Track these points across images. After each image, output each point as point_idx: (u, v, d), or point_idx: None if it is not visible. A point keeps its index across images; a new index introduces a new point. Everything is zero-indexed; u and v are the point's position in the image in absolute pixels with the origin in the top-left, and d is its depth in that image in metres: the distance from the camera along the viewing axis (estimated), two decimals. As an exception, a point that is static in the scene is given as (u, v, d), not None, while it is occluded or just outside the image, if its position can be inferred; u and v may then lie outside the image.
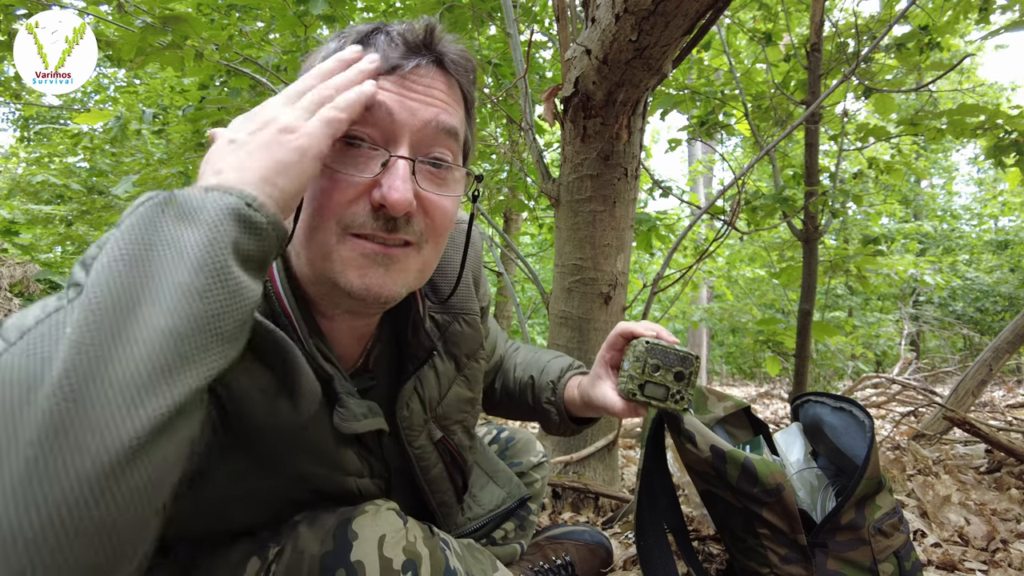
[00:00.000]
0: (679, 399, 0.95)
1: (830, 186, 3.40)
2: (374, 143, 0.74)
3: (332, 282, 0.74)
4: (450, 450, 1.01)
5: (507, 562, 1.28)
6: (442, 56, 0.78)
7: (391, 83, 0.74)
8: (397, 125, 0.73)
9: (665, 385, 0.95)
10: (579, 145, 1.82)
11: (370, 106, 0.72)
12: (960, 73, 10.67)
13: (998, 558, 1.43)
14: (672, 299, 4.48)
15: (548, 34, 4.27)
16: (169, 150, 4.62)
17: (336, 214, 0.72)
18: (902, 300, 10.27)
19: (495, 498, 1.19)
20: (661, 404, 0.95)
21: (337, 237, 0.73)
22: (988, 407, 3.94)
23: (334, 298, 0.78)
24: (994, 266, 11.80)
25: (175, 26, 2.34)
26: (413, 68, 0.75)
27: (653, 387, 0.95)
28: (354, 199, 0.72)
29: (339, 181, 0.72)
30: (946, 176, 16.86)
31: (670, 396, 0.95)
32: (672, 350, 0.94)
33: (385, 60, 0.74)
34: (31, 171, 6.64)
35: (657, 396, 0.95)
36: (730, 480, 1.07)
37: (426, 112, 0.75)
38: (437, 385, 0.96)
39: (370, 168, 0.73)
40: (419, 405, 0.93)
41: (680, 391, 0.95)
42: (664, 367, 0.94)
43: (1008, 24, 2.93)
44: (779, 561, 1.07)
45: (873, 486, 1.09)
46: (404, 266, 0.76)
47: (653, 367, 0.94)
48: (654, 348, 0.94)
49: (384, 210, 0.72)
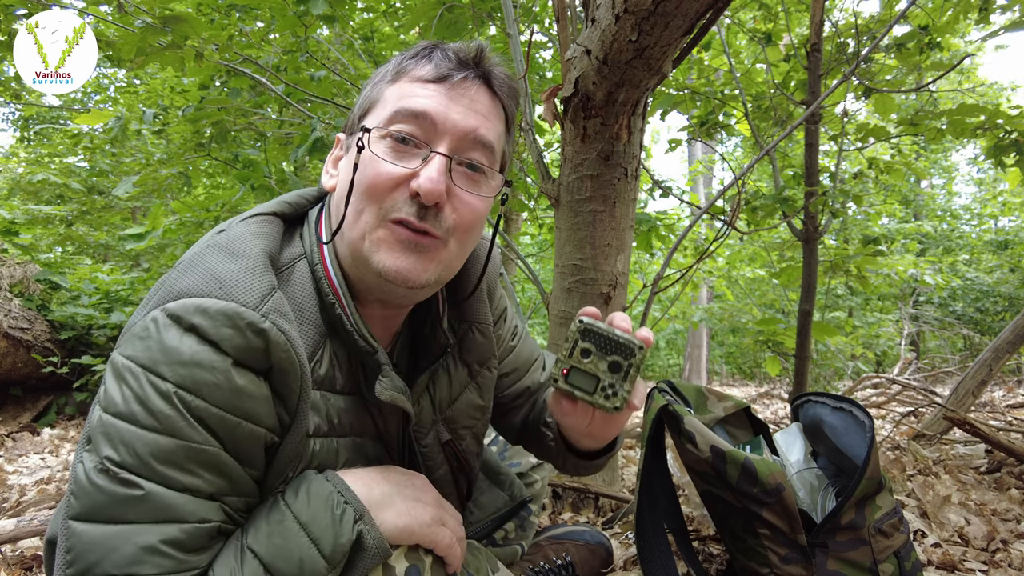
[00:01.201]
0: (610, 394, 0.80)
1: (830, 186, 3.40)
2: (418, 141, 0.83)
3: (367, 262, 0.82)
4: (456, 454, 1.03)
5: (508, 562, 1.29)
6: (489, 74, 0.88)
7: (440, 92, 0.84)
8: (440, 131, 0.83)
9: (595, 375, 0.81)
10: (579, 145, 1.82)
11: (419, 113, 0.83)
12: (960, 73, 10.68)
13: (998, 558, 1.43)
14: (672, 299, 4.48)
15: (548, 34, 4.27)
16: (169, 150, 4.62)
17: (379, 200, 0.82)
18: (902, 300, 10.27)
19: (496, 502, 1.21)
20: (587, 397, 0.81)
21: (377, 221, 0.82)
22: (988, 407, 3.94)
23: (368, 282, 0.86)
24: (994, 266, 11.80)
25: (175, 26, 2.34)
26: (460, 80, 0.85)
27: (581, 376, 0.81)
28: (395, 187, 0.82)
29: (384, 171, 0.82)
30: (946, 176, 16.86)
31: (599, 389, 0.81)
32: (612, 335, 0.80)
33: (437, 69, 0.84)
34: (31, 170, 6.64)
35: (583, 386, 0.81)
36: (730, 480, 1.07)
37: (467, 123, 0.84)
38: (448, 388, 1.00)
39: (413, 162, 0.83)
40: (429, 403, 0.98)
41: (614, 385, 0.80)
42: (597, 353, 0.81)
43: (1008, 24, 2.93)
44: (779, 561, 1.07)
45: (873, 486, 1.09)
46: (432, 256, 0.83)
47: (583, 352, 0.81)
48: (588, 330, 0.81)
49: (419, 198, 0.80)
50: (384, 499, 0.81)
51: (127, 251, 7.11)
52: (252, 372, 0.73)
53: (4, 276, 4.63)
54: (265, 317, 0.72)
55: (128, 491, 0.67)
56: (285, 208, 0.92)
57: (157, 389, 0.69)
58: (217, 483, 0.72)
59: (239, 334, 0.71)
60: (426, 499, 0.85)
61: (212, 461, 0.71)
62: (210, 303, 0.71)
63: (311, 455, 0.82)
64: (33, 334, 4.46)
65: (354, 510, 0.76)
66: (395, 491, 0.83)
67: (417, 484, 0.87)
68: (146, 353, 0.70)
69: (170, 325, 0.71)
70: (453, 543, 0.85)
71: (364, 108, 0.89)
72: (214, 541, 0.72)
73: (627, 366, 0.80)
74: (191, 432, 0.69)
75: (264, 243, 0.82)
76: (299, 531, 0.73)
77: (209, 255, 0.77)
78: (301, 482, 0.78)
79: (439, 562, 0.84)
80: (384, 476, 0.84)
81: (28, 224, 6.19)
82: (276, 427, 0.77)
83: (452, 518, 0.88)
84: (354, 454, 0.89)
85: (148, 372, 0.70)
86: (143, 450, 0.68)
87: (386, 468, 0.88)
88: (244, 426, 0.72)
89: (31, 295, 4.79)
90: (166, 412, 0.68)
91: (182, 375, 0.69)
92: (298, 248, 0.89)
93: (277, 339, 0.73)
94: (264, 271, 0.77)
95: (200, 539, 0.70)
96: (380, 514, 0.78)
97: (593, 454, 1.08)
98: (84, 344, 4.85)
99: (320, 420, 0.83)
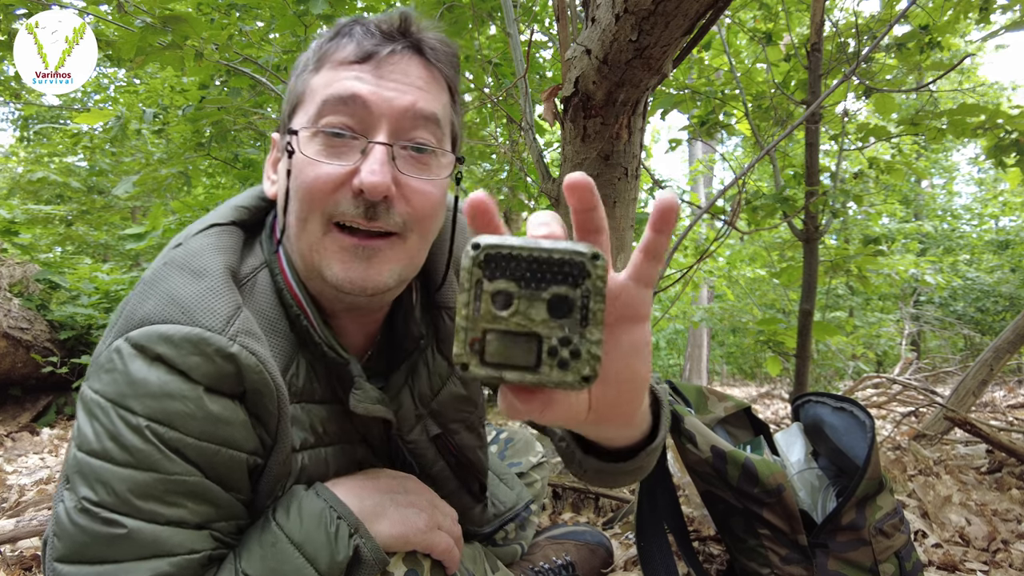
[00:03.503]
0: (567, 357, 0.41)
1: (831, 186, 3.40)
2: (354, 133, 0.75)
3: (320, 275, 0.77)
4: (450, 448, 0.99)
5: (508, 562, 1.28)
6: (419, 43, 0.79)
7: (368, 72, 0.76)
8: (375, 115, 0.75)
9: (530, 333, 0.42)
10: (579, 145, 1.82)
11: (348, 99, 0.74)
12: (960, 73, 10.66)
13: (999, 558, 1.43)
14: (673, 299, 4.48)
15: (548, 34, 4.27)
16: (169, 150, 4.62)
17: (321, 205, 0.75)
18: (903, 300, 10.26)
19: (510, 498, 1.19)
20: (529, 377, 0.42)
21: (323, 229, 0.76)
22: (989, 407, 3.93)
23: (328, 293, 0.80)
24: (995, 266, 11.78)
25: (175, 26, 2.34)
26: (388, 54, 0.76)
27: (505, 343, 0.42)
28: (337, 188, 0.75)
29: (322, 173, 0.75)
30: (947, 176, 16.84)
31: (546, 356, 0.41)
32: (537, 252, 0.42)
33: (360, 47, 0.76)
34: (31, 169, 6.64)
35: (516, 361, 0.42)
36: (731, 480, 1.07)
37: (403, 99, 0.76)
38: (428, 381, 0.94)
39: (351, 157, 0.75)
40: (410, 399, 0.93)
41: (569, 339, 0.41)
42: (522, 292, 0.42)
43: (1008, 24, 2.92)
44: (780, 561, 1.07)
45: (874, 486, 1.09)
46: (388, 257, 0.77)
47: (497, 298, 0.42)
48: (493, 257, 0.42)
49: (364, 195, 0.73)
50: (377, 508, 0.79)
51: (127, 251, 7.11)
52: (226, 397, 0.70)
53: (4, 276, 4.62)
54: (233, 340, 0.69)
55: (110, 530, 0.65)
56: (243, 215, 0.87)
57: (128, 424, 0.66)
58: (203, 511, 0.70)
59: (207, 361, 0.68)
60: (420, 503, 0.83)
61: (195, 490, 0.68)
62: (173, 330, 0.68)
63: (300, 469, 0.80)
64: (33, 334, 4.46)
65: (348, 524, 0.74)
66: (387, 499, 0.81)
67: (409, 488, 0.85)
68: (113, 387, 0.68)
69: (135, 355, 0.68)
70: (450, 546, 0.83)
71: (292, 104, 0.83)
72: (206, 569, 0.70)
73: (581, 297, 0.41)
74: (168, 464, 0.67)
75: (224, 257, 0.77)
76: (294, 552, 0.71)
77: (168, 275, 0.74)
78: (292, 500, 0.76)
79: (438, 565, 0.83)
80: (375, 484, 0.82)
81: (28, 224, 6.19)
82: (258, 449, 0.74)
83: (447, 518, 0.86)
84: (343, 460, 0.86)
85: (117, 407, 0.67)
86: (121, 487, 0.65)
87: (376, 473, 0.86)
88: (224, 452, 0.70)
89: (31, 295, 4.78)
90: (139, 447, 0.66)
91: (152, 408, 0.66)
92: (259, 257, 0.84)
93: (248, 362, 0.70)
94: (227, 289, 0.73)
95: (191, 570, 0.68)
96: (374, 525, 0.77)
97: (623, 452, 0.71)
98: (84, 344, 4.85)
99: (305, 433, 0.81)
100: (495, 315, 0.42)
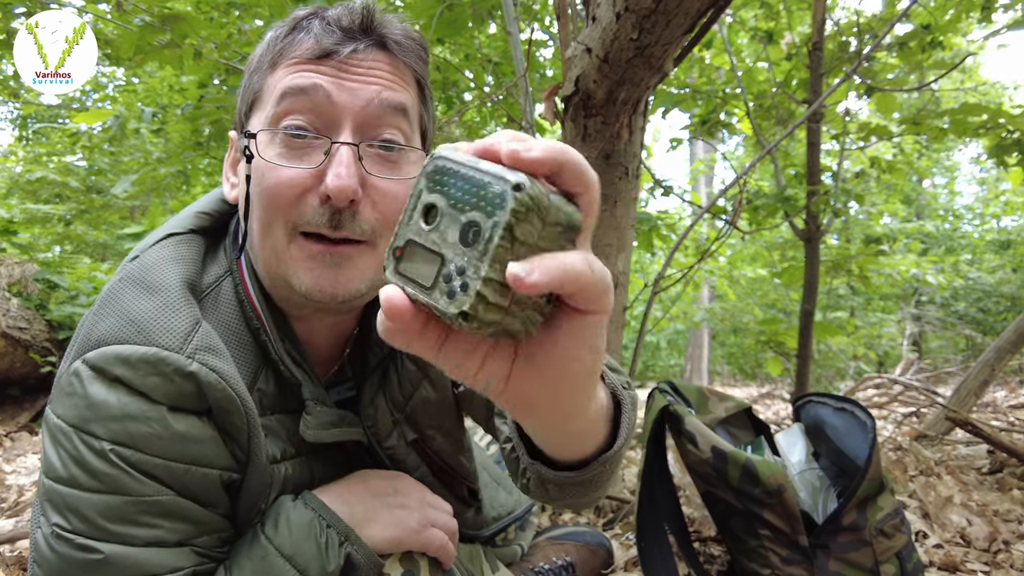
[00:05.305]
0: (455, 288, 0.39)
1: (832, 185, 3.39)
2: (316, 132, 0.71)
3: (287, 283, 0.73)
4: (429, 454, 0.96)
5: (508, 563, 1.28)
6: (384, 38, 0.75)
7: (328, 68, 0.71)
8: (337, 109, 0.71)
9: (438, 253, 0.40)
10: (580, 144, 1.81)
11: (308, 88, 0.70)
12: (962, 72, 10.64)
13: (1000, 559, 1.43)
14: (673, 299, 4.47)
15: (549, 32, 4.26)
16: (168, 149, 4.61)
17: (285, 213, 0.71)
18: (904, 300, 10.25)
19: (509, 502, 1.18)
20: (421, 296, 0.41)
21: (288, 237, 0.72)
22: (990, 408, 3.93)
23: (296, 300, 0.76)
24: (996, 266, 11.77)
25: (174, 25, 2.33)
26: (350, 54, 0.71)
27: (417, 256, 0.41)
28: (301, 194, 0.70)
29: (284, 178, 0.70)
30: (948, 175, 16.83)
31: (443, 280, 0.40)
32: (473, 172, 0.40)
33: (319, 44, 0.72)
34: (30, 168, 6.64)
35: (417, 277, 0.41)
36: (731, 481, 1.07)
37: (367, 91, 0.72)
38: (399, 386, 0.91)
39: (314, 158, 0.71)
40: (384, 403, 0.89)
41: (464, 270, 0.39)
42: (448, 211, 0.40)
43: (1010, 23, 2.92)
44: (780, 562, 1.06)
45: (875, 487, 1.09)
46: (357, 264, 0.73)
47: (427, 211, 0.41)
48: (441, 171, 0.41)
49: (331, 201, 0.69)
50: (367, 513, 0.77)
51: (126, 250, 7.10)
52: (192, 415, 0.68)
53: (2, 275, 4.62)
54: (191, 358, 0.66)
55: (87, 556, 0.64)
56: (203, 221, 0.82)
57: (92, 448, 0.64)
58: (181, 528, 0.68)
59: (166, 381, 0.66)
60: (410, 503, 0.82)
61: (169, 510, 0.67)
62: (130, 351, 0.65)
63: (284, 479, 0.78)
64: (31, 333, 4.46)
65: (338, 532, 0.73)
66: (378, 502, 0.79)
67: (400, 488, 0.83)
68: (74, 411, 0.66)
69: (94, 378, 0.66)
70: (444, 542, 0.82)
71: (247, 103, 0.78)
72: None
73: (488, 230, 0.38)
74: (138, 486, 0.65)
75: (182, 269, 0.74)
76: (284, 565, 0.69)
77: (123, 291, 0.71)
78: (279, 511, 0.74)
79: (435, 563, 0.82)
80: (364, 487, 0.81)
81: (26, 223, 6.18)
82: (232, 465, 0.72)
83: (441, 513, 0.84)
84: (329, 466, 0.84)
85: (79, 432, 0.65)
86: (91, 513, 0.64)
87: (365, 476, 0.84)
88: (194, 471, 0.68)
89: (29, 294, 4.78)
90: (105, 471, 0.64)
91: (115, 431, 0.64)
92: (223, 265, 0.80)
93: (208, 379, 0.67)
94: (184, 304, 0.70)
95: None
96: (365, 530, 0.75)
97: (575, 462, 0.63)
98: (84, 343, 4.85)
99: (283, 444, 0.78)
100: (419, 228, 0.42)
